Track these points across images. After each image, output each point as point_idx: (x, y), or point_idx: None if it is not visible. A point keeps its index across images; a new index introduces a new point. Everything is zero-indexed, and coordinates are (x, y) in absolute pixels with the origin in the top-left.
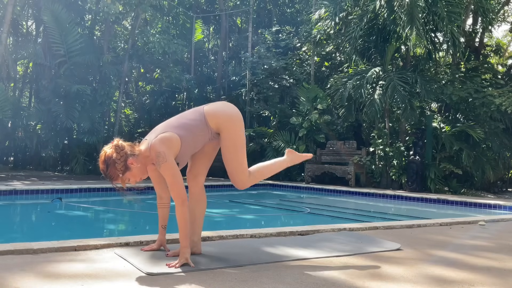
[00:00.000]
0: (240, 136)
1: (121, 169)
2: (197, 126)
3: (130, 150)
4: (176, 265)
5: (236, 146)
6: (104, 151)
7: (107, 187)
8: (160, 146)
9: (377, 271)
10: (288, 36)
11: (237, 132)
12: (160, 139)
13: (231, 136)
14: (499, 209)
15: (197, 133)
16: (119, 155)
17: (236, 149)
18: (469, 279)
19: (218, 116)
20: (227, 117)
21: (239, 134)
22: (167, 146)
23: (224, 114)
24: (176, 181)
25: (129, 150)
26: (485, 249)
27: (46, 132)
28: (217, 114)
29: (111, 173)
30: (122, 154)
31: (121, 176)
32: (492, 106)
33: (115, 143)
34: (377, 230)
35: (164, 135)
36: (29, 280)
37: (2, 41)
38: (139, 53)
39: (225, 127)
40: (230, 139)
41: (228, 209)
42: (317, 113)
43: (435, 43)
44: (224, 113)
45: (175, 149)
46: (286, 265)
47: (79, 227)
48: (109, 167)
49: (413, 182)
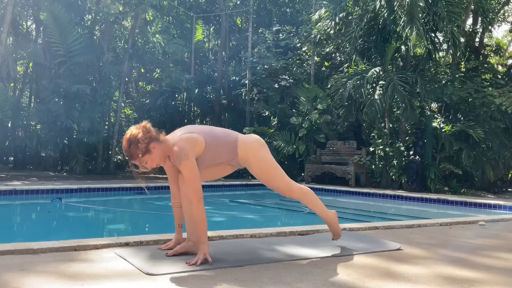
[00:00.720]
0: (272, 159)
1: (142, 150)
2: (225, 143)
3: (155, 135)
4: (197, 262)
5: (270, 166)
6: (130, 130)
7: (107, 187)
8: (185, 143)
9: (377, 271)
10: (288, 36)
11: (268, 156)
12: (187, 137)
13: (262, 161)
14: (499, 209)
15: (222, 149)
16: (144, 136)
17: (272, 169)
18: (469, 279)
19: (249, 144)
20: (257, 146)
21: (270, 158)
22: (191, 145)
23: (254, 144)
24: (195, 178)
25: (155, 135)
26: (485, 249)
27: (46, 132)
28: (249, 143)
29: (132, 151)
30: (147, 136)
31: (140, 157)
32: (492, 106)
33: (143, 124)
34: (377, 230)
35: (191, 135)
36: (29, 280)
37: (2, 41)
38: (139, 53)
39: (254, 155)
40: (262, 164)
41: (228, 209)
42: (317, 113)
43: (435, 43)
44: (255, 144)
45: (197, 150)
46: (286, 265)
47: (79, 227)
48: (132, 145)
49: (413, 182)
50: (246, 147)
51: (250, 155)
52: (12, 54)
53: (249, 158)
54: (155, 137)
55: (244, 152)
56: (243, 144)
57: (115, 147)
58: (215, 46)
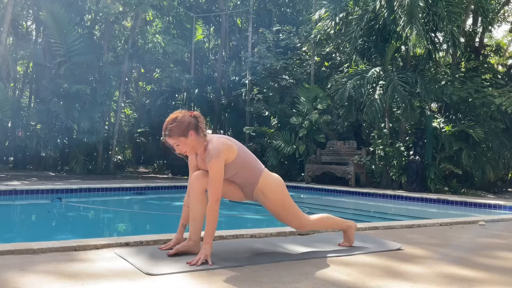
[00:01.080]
0: (289, 198)
1: (181, 132)
2: (252, 165)
3: (199, 126)
4: (197, 262)
5: (286, 203)
6: (182, 111)
7: (107, 187)
8: (221, 145)
9: (377, 271)
10: (288, 36)
11: (285, 194)
12: (223, 141)
13: (279, 197)
14: (499, 209)
15: (247, 169)
16: (189, 121)
17: (288, 207)
18: (469, 279)
19: (272, 178)
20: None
21: (287, 196)
22: (226, 148)
23: (277, 181)
24: (219, 178)
25: (198, 125)
26: (485, 249)
27: (46, 132)
28: (272, 177)
29: (173, 128)
30: (192, 123)
31: (176, 137)
32: (492, 106)
33: (195, 112)
34: (377, 230)
35: (227, 141)
36: (29, 280)
37: (2, 41)
38: (139, 53)
39: (273, 189)
40: (279, 200)
41: (228, 209)
42: (317, 113)
43: (435, 43)
44: (277, 181)
45: (229, 156)
46: (286, 265)
47: (79, 227)
48: (175, 123)
49: (413, 182)
50: (269, 178)
51: (270, 188)
52: (12, 54)
53: (268, 190)
54: (198, 127)
55: (265, 184)
56: (267, 175)
57: (115, 147)
58: (215, 46)
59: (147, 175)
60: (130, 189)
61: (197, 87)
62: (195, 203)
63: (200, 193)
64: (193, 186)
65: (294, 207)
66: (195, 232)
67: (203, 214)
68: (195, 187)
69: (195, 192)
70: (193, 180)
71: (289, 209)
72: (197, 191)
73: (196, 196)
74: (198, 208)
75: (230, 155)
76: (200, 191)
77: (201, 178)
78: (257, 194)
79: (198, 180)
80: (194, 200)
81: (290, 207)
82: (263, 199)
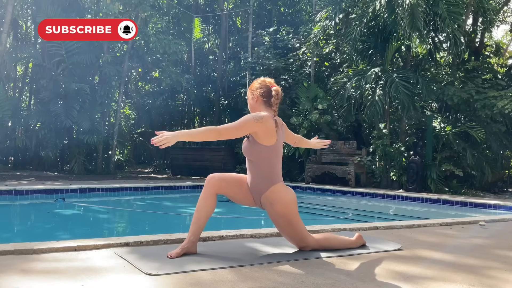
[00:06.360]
0: (297, 214)
1: (257, 91)
2: (273, 168)
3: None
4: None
5: (293, 218)
6: (269, 80)
7: (107, 187)
8: (270, 125)
9: (377, 271)
10: (288, 37)
11: (294, 209)
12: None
13: (287, 211)
14: (499, 209)
15: (267, 167)
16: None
17: (294, 223)
18: (469, 278)
19: (286, 190)
20: (291, 197)
21: (295, 211)
22: (268, 130)
23: (290, 194)
24: (237, 127)
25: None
26: (486, 249)
27: (46, 132)
28: (286, 189)
29: (254, 85)
30: (267, 91)
31: (252, 90)
32: (494, 109)
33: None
34: (377, 230)
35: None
36: (29, 280)
37: (2, 41)
38: (139, 53)
39: (284, 201)
40: (286, 213)
41: (228, 209)
42: (317, 113)
43: (436, 43)
44: (291, 194)
45: (263, 137)
46: (287, 265)
47: (79, 227)
48: (258, 84)
49: (413, 182)
50: (281, 190)
51: (280, 199)
52: (11, 54)
53: (277, 201)
54: (267, 100)
55: (275, 193)
56: (281, 187)
57: (115, 147)
58: (215, 46)
59: (147, 175)
60: (130, 189)
61: (197, 87)
62: (202, 205)
63: (209, 197)
64: (205, 188)
65: (300, 225)
66: (194, 233)
67: (207, 217)
68: (206, 189)
69: (205, 194)
70: (207, 181)
71: (294, 226)
72: (207, 194)
73: (205, 198)
74: (204, 210)
75: (265, 137)
76: (210, 194)
77: (214, 181)
78: (264, 202)
79: (210, 182)
80: (203, 202)
81: (296, 225)
82: (269, 209)
